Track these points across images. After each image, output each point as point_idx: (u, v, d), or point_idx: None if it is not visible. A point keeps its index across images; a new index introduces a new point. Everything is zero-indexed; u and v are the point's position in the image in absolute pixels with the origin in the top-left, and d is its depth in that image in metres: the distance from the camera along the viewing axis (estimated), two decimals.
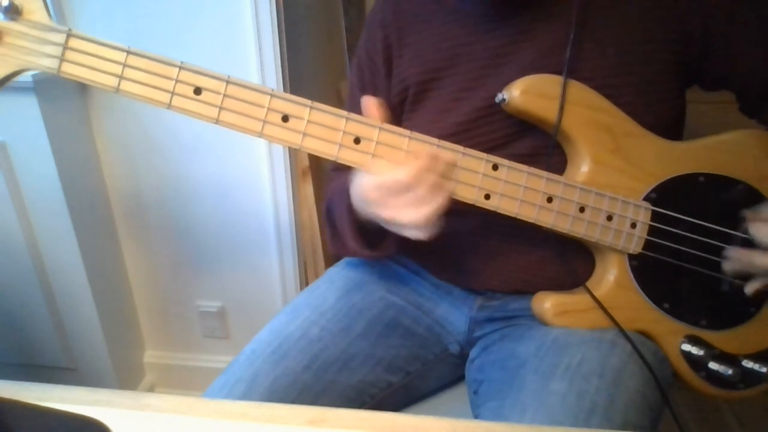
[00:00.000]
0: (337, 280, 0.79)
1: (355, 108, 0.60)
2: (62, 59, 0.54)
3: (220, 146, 1.24)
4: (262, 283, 1.38)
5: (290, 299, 1.06)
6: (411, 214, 0.58)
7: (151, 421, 0.45)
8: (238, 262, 1.36)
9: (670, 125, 0.69)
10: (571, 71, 0.64)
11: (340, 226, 0.72)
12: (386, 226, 0.62)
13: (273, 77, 1.15)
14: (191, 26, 1.14)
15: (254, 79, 1.15)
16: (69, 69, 0.54)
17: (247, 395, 0.64)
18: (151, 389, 1.52)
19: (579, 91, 0.65)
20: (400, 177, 0.57)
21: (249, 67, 1.15)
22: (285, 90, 1.18)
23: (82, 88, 1.22)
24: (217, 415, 0.46)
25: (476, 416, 0.68)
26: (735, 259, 0.67)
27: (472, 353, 0.76)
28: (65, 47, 0.54)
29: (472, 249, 0.74)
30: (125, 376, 1.43)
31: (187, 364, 1.51)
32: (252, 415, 0.46)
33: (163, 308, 1.46)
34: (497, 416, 0.61)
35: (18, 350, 1.36)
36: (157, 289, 1.44)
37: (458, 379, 0.81)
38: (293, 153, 1.22)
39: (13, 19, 0.53)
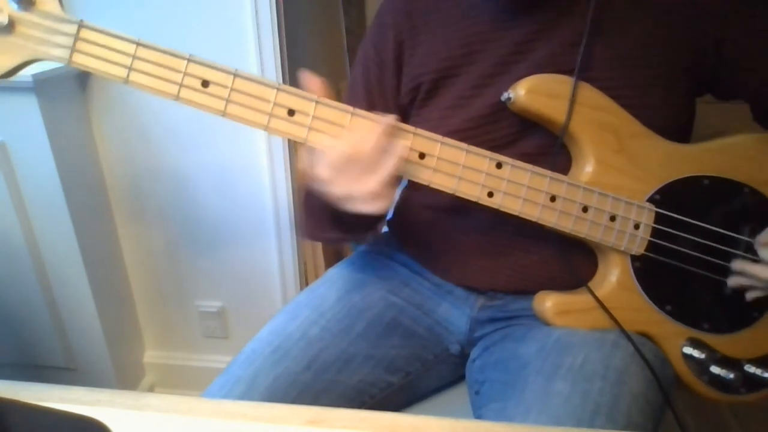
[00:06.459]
0: (337, 280, 0.79)
1: (356, 104, 0.59)
2: (73, 49, 0.55)
3: (219, 146, 1.23)
4: (262, 283, 1.38)
5: (290, 299, 1.06)
6: (359, 187, 0.57)
7: (151, 421, 0.45)
8: (237, 262, 1.36)
9: (677, 129, 0.69)
10: (580, 71, 0.64)
11: (318, 214, 0.70)
12: (342, 205, 0.60)
13: (273, 78, 1.15)
14: (192, 26, 1.13)
15: None
16: (80, 59, 0.55)
17: (246, 395, 0.64)
18: (151, 389, 1.52)
19: (585, 91, 0.65)
20: (343, 148, 0.57)
21: (249, 68, 1.15)
22: None
23: (82, 88, 1.22)
24: (217, 415, 0.45)
25: (479, 417, 0.68)
26: (740, 271, 0.67)
27: (473, 353, 0.76)
28: (77, 38, 0.54)
29: (474, 248, 0.74)
30: (125, 376, 1.43)
31: (187, 364, 1.51)
32: (252, 415, 0.46)
33: (163, 308, 1.46)
34: (501, 417, 0.60)
35: (18, 350, 1.36)
36: (157, 289, 1.44)
37: (458, 379, 0.80)
38: (293, 149, 1.22)
39: (26, 9, 0.54)
